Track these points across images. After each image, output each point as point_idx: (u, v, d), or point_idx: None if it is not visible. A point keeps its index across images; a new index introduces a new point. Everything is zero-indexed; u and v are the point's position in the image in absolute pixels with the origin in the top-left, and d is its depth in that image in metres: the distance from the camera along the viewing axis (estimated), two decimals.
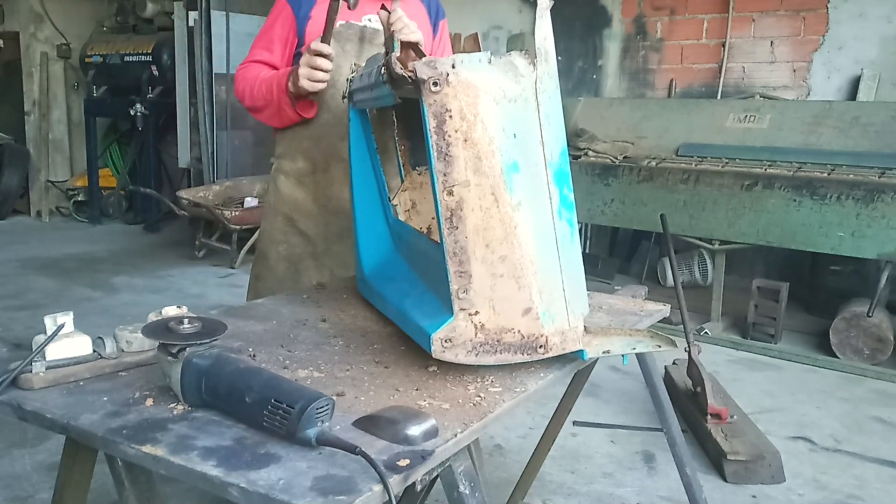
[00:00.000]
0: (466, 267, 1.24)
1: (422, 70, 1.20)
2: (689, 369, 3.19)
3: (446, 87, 1.20)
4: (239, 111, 6.58)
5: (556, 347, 1.31)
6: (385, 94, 1.46)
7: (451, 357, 1.27)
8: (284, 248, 2.19)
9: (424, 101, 1.21)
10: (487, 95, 1.23)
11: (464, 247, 1.24)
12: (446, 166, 1.22)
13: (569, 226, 1.33)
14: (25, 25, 7.96)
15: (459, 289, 1.25)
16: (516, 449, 2.93)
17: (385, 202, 1.81)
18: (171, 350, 1.13)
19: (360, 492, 0.91)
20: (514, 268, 1.25)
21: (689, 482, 2.02)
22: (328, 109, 2.09)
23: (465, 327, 1.26)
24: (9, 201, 7.85)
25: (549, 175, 1.29)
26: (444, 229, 1.24)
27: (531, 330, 1.28)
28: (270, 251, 2.20)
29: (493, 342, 1.28)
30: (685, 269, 5.20)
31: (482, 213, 1.24)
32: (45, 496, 2.46)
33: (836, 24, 4.98)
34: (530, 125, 1.27)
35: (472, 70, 1.22)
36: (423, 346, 1.31)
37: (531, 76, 1.27)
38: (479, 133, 1.22)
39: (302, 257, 2.18)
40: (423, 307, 1.42)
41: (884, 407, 3.49)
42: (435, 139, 1.22)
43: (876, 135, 4.12)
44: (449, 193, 1.23)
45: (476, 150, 1.22)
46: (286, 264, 2.19)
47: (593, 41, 5.96)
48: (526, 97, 1.27)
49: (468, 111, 1.22)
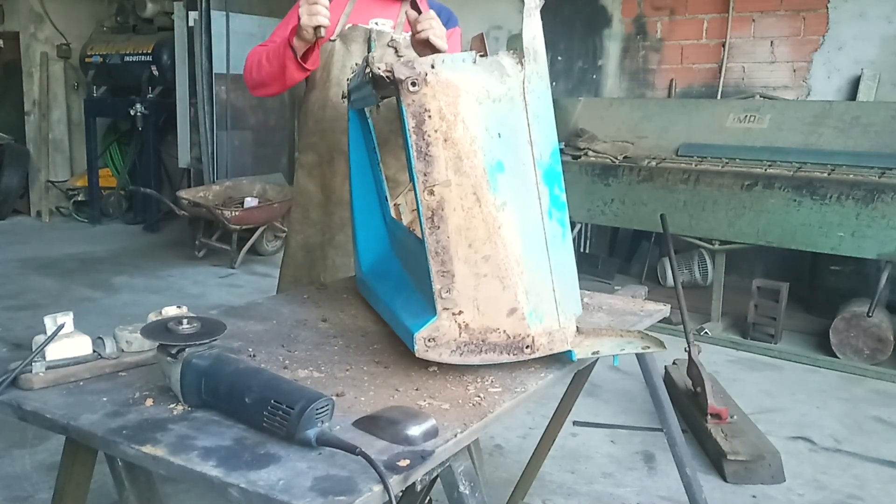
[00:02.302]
0: (449, 266, 1.24)
1: (399, 70, 1.20)
2: (689, 369, 3.19)
3: (424, 87, 1.20)
4: (239, 111, 6.59)
5: (543, 348, 1.30)
6: (368, 94, 1.46)
7: (434, 356, 1.27)
8: (302, 238, 2.35)
9: (403, 101, 1.21)
10: (469, 95, 1.23)
11: (445, 246, 1.23)
12: (426, 166, 1.22)
13: (560, 226, 1.33)
14: (25, 25, 7.95)
15: (442, 288, 1.25)
16: (516, 449, 2.93)
17: (383, 201, 1.81)
18: (170, 350, 1.13)
19: (360, 492, 0.91)
20: (498, 268, 1.25)
21: (689, 482, 2.02)
22: (332, 106, 2.18)
23: (449, 327, 1.26)
24: (9, 201, 7.85)
25: (538, 175, 1.29)
26: (425, 229, 1.24)
27: (517, 330, 1.28)
28: (292, 240, 2.38)
29: (477, 342, 1.27)
30: (685, 269, 5.20)
31: (464, 212, 1.23)
32: (45, 496, 2.45)
33: (836, 24, 4.98)
34: (517, 125, 1.27)
35: (454, 70, 1.22)
36: (409, 346, 1.31)
37: (518, 76, 1.26)
38: (460, 133, 1.22)
39: (315, 247, 2.33)
40: (411, 306, 1.42)
41: (884, 407, 3.49)
42: (414, 139, 1.22)
43: (876, 135, 4.12)
44: (430, 193, 1.23)
45: (456, 150, 1.22)
46: (304, 252, 2.35)
47: (593, 41, 5.96)
48: (512, 97, 1.26)
49: (448, 111, 1.21)
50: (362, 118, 1.76)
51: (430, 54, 1.57)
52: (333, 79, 2.18)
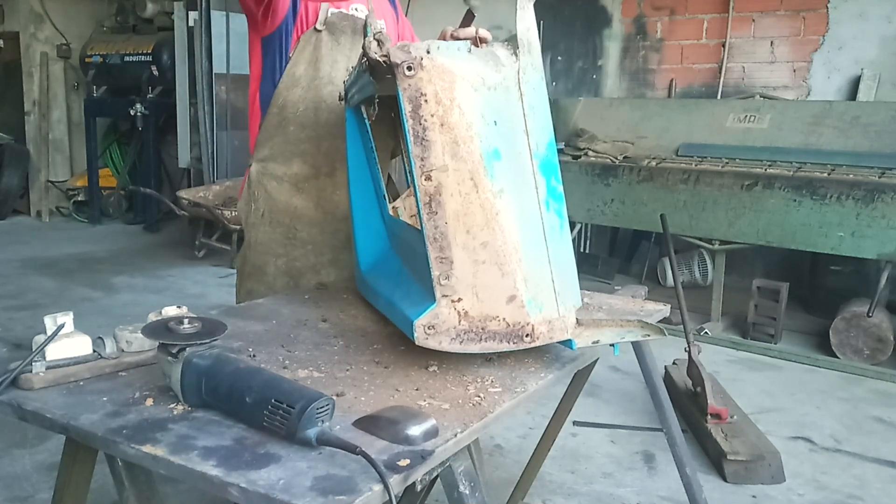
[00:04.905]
0: (447, 253, 1.23)
1: (395, 54, 1.20)
2: (689, 369, 3.19)
3: (420, 70, 1.20)
4: (239, 111, 6.58)
5: (543, 336, 1.29)
6: (366, 83, 1.45)
7: (434, 344, 1.26)
8: (284, 262, 2.05)
9: (399, 86, 1.21)
10: (465, 81, 1.23)
11: (444, 232, 1.23)
12: (423, 150, 1.22)
13: (557, 217, 1.32)
14: (25, 25, 7.96)
15: (441, 275, 1.24)
16: (516, 449, 2.93)
17: (381, 200, 1.81)
18: (171, 350, 1.13)
19: (360, 492, 0.91)
20: (496, 254, 1.24)
21: (689, 482, 2.02)
22: (327, 108, 1.98)
23: (449, 314, 1.25)
24: (9, 201, 7.85)
25: (535, 165, 1.29)
26: (423, 215, 1.23)
27: (516, 318, 1.27)
28: (269, 265, 2.05)
29: (477, 330, 1.26)
30: (685, 269, 5.20)
31: (461, 198, 1.23)
32: (45, 496, 2.45)
33: (836, 24, 4.98)
34: (513, 114, 1.27)
35: (449, 56, 1.22)
36: (408, 335, 1.30)
37: (513, 66, 1.26)
38: (456, 118, 1.22)
39: (303, 271, 2.05)
40: (410, 297, 1.41)
41: (884, 407, 3.49)
42: (411, 123, 1.21)
43: (876, 135, 4.12)
44: (427, 178, 1.22)
45: (453, 135, 1.22)
46: (286, 279, 2.05)
47: (593, 41, 5.95)
48: (507, 86, 1.26)
49: (444, 95, 1.21)
50: (359, 116, 1.75)
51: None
52: (325, 77, 1.96)
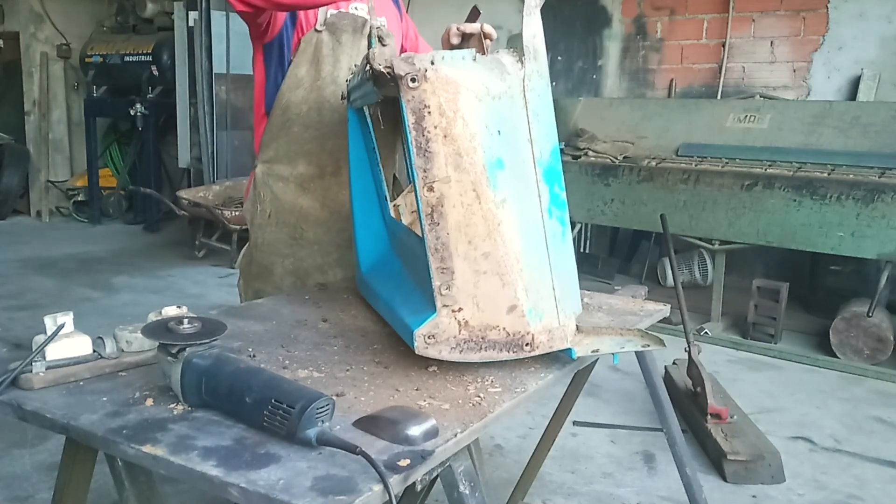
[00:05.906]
0: (448, 263, 1.24)
1: (399, 66, 1.20)
2: (689, 369, 3.19)
3: (424, 83, 1.20)
4: (239, 111, 6.58)
5: (543, 346, 1.30)
6: (369, 92, 1.46)
7: (434, 354, 1.27)
8: (291, 263, 2.07)
9: (403, 97, 1.21)
10: (469, 92, 1.22)
11: (445, 243, 1.23)
12: (426, 162, 1.22)
13: (560, 224, 1.32)
14: (25, 25, 7.96)
15: (442, 285, 1.24)
16: (516, 449, 2.93)
17: (382, 201, 1.81)
18: (171, 350, 1.13)
19: (360, 492, 0.90)
20: (497, 265, 1.25)
21: (689, 482, 2.02)
22: (331, 108, 2.00)
23: (449, 324, 1.26)
24: (9, 201, 7.85)
25: (539, 173, 1.29)
26: (425, 225, 1.24)
27: (517, 328, 1.27)
28: (276, 266, 2.07)
29: (477, 339, 1.27)
30: (685, 269, 5.20)
31: (464, 209, 1.23)
32: (45, 496, 2.45)
33: (836, 24, 4.98)
34: (517, 123, 1.27)
35: (453, 67, 1.22)
36: (408, 343, 1.30)
37: (518, 74, 1.26)
38: (460, 129, 1.22)
39: (310, 271, 2.07)
40: (411, 304, 1.42)
41: (884, 407, 3.49)
42: (414, 135, 1.21)
43: (876, 135, 4.12)
44: (429, 189, 1.22)
45: (456, 147, 1.22)
46: (293, 279, 2.07)
47: (593, 41, 5.95)
48: (512, 94, 1.26)
49: (447, 107, 1.21)
50: (361, 117, 1.76)
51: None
52: (327, 76, 1.98)
